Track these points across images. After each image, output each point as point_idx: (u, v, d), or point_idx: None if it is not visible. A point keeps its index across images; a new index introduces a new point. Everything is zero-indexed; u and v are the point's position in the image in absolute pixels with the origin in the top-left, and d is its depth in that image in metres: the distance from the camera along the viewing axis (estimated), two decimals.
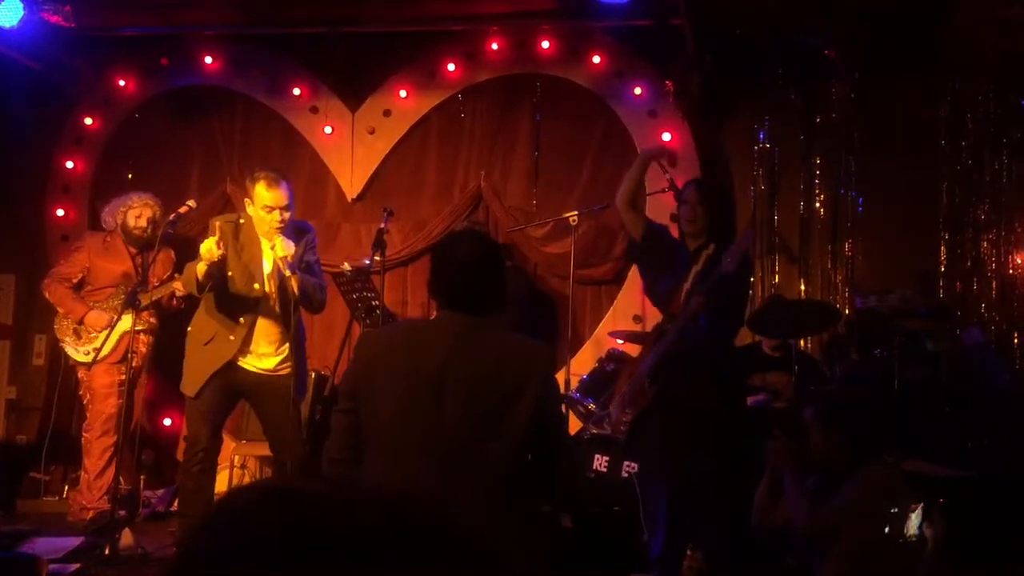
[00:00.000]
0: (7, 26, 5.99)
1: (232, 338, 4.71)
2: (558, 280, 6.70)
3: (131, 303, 5.21)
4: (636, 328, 6.39)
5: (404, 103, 6.96)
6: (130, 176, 7.14)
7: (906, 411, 4.90)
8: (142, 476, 6.33)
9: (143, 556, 4.87)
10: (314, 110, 7.05)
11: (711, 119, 6.61)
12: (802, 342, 6.08)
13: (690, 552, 4.51)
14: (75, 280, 6.10)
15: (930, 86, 6.39)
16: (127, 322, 5.59)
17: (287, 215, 4.66)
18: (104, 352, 5.79)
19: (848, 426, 3.65)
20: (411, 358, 2.84)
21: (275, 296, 4.74)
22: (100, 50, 7.04)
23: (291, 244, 4.59)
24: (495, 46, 6.81)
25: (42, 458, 6.42)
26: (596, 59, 6.70)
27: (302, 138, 7.09)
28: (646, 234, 4.76)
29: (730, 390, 4.60)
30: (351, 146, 7.01)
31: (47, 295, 6.12)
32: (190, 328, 4.84)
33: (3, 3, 5.93)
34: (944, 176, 6.38)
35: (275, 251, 4.60)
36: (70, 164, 7.24)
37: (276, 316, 4.75)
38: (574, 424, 5.80)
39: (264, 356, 4.78)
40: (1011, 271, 6.29)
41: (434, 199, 6.98)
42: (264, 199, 4.63)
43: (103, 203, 6.37)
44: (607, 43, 6.71)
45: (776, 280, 6.57)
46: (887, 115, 6.42)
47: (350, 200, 7.04)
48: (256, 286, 4.73)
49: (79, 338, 6.01)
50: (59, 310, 6.09)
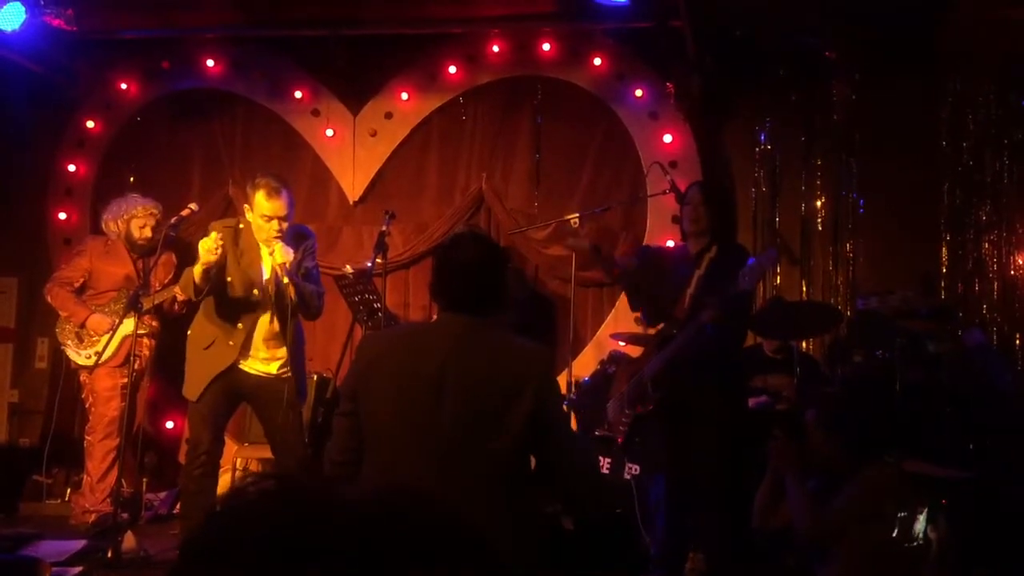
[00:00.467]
0: (9, 29, 6.00)
1: (231, 343, 4.72)
2: (559, 282, 6.71)
3: (133, 306, 5.21)
4: (638, 330, 6.38)
5: (405, 105, 6.97)
6: (132, 179, 7.15)
7: (907, 412, 4.90)
8: (144, 479, 6.34)
9: (145, 559, 4.87)
10: (315, 113, 7.05)
11: (712, 121, 6.62)
12: (803, 344, 6.09)
13: (692, 554, 4.52)
14: (77, 284, 6.11)
15: (931, 87, 6.40)
16: (129, 325, 5.59)
17: (285, 224, 4.66)
18: (106, 356, 5.81)
19: (849, 427, 3.65)
20: (411, 360, 2.85)
21: (273, 301, 4.74)
22: (101, 53, 7.06)
23: (290, 251, 4.59)
24: (496, 48, 6.82)
25: (44, 461, 6.42)
26: (597, 61, 6.71)
27: (303, 141, 7.10)
28: (639, 266, 4.78)
29: (732, 393, 4.60)
30: (352, 149, 7.02)
31: (49, 299, 6.13)
32: (190, 332, 4.85)
33: (5, 6, 5.94)
34: (945, 177, 6.38)
35: (274, 257, 4.60)
36: (72, 167, 7.25)
37: (275, 321, 4.75)
38: (575, 427, 5.81)
39: (263, 360, 4.78)
40: (1012, 272, 6.29)
41: (435, 201, 6.99)
42: (263, 208, 4.62)
43: (104, 205, 6.38)
44: (608, 45, 6.72)
45: (777, 281, 6.57)
46: (888, 116, 6.43)
47: (351, 203, 7.05)
48: (255, 292, 4.73)
49: (81, 342, 6.01)
50: (61, 314, 6.09)
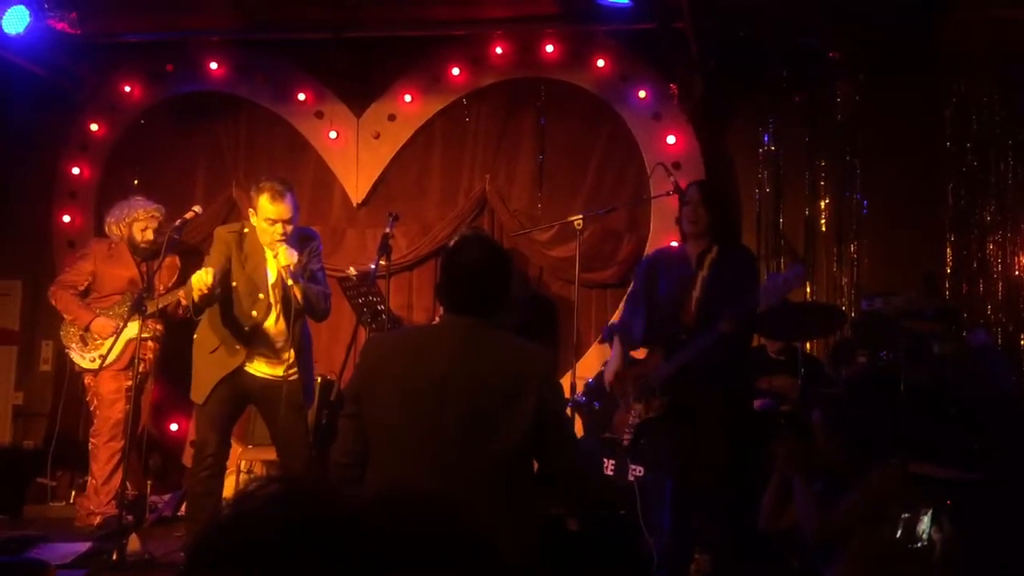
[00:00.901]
0: (13, 33, 6.02)
1: (237, 346, 4.72)
2: (563, 284, 6.71)
3: (137, 310, 5.22)
4: None
5: (409, 108, 6.97)
6: (136, 182, 7.16)
7: (912, 413, 4.89)
8: (149, 481, 6.35)
9: (150, 561, 4.88)
10: (319, 115, 7.06)
11: (715, 122, 6.62)
12: (808, 345, 6.08)
13: (697, 555, 4.52)
14: (81, 287, 6.12)
15: (934, 88, 6.39)
16: (133, 329, 5.60)
17: (289, 228, 4.64)
18: (110, 359, 5.81)
19: (854, 428, 3.65)
20: (415, 362, 2.87)
21: (279, 305, 4.75)
22: (105, 56, 7.07)
23: (294, 253, 4.59)
24: (499, 50, 6.82)
25: (48, 464, 6.43)
26: (600, 63, 6.71)
27: (307, 143, 7.11)
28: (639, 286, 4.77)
29: (738, 395, 4.59)
30: (356, 151, 7.02)
31: (53, 302, 6.14)
32: (196, 336, 4.84)
33: (9, 10, 5.95)
34: (949, 178, 6.38)
35: (278, 260, 4.60)
36: (76, 170, 7.26)
37: (280, 324, 4.75)
38: (579, 428, 5.80)
39: (270, 363, 4.78)
40: (1017, 272, 6.28)
41: (439, 203, 6.99)
42: (267, 212, 4.62)
43: (108, 208, 6.39)
44: (611, 47, 6.72)
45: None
46: (892, 117, 6.43)
47: (355, 205, 7.05)
48: (260, 296, 4.72)
49: (85, 345, 6.02)
50: (65, 317, 6.10)
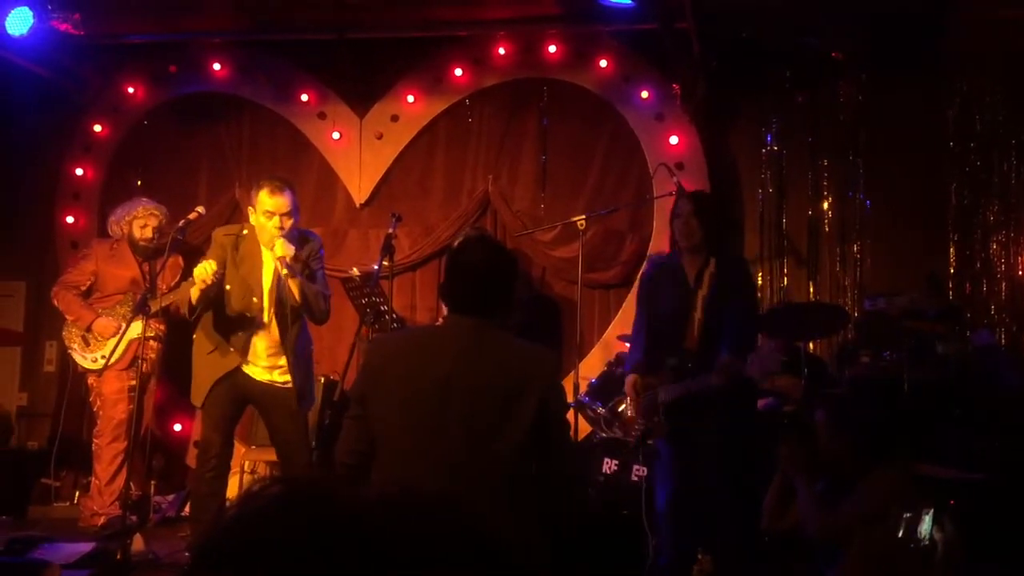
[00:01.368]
0: (17, 34, 6.02)
1: (232, 350, 4.72)
2: (566, 284, 6.71)
3: (141, 309, 5.22)
4: None
5: (412, 108, 6.98)
6: (139, 183, 7.17)
7: (915, 413, 4.89)
8: (153, 481, 6.35)
9: (154, 561, 4.89)
10: (322, 116, 7.07)
11: (718, 122, 6.62)
12: (811, 345, 6.08)
13: (700, 556, 4.51)
14: (83, 287, 6.13)
15: (937, 87, 6.39)
16: (137, 329, 5.61)
17: (288, 222, 4.64)
18: (113, 359, 5.82)
19: (857, 428, 3.65)
20: (418, 363, 2.88)
21: (273, 309, 4.72)
22: (109, 57, 7.08)
23: (291, 247, 4.58)
24: (502, 51, 6.82)
25: (52, 464, 6.44)
26: (603, 63, 6.71)
27: (310, 144, 7.11)
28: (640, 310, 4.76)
29: (741, 398, 4.57)
30: (359, 151, 7.02)
31: (55, 302, 6.15)
32: (195, 337, 4.85)
33: (13, 12, 5.96)
34: (952, 178, 6.38)
35: (274, 251, 4.59)
36: (79, 171, 7.27)
37: (276, 329, 4.73)
38: (584, 428, 5.81)
39: (265, 368, 4.76)
40: (1020, 272, 6.28)
41: (442, 204, 6.99)
42: (265, 205, 4.63)
43: (111, 209, 6.40)
44: (614, 47, 6.72)
45: (784, 283, 6.57)
46: (894, 117, 6.43)
47: (358, 205, 7.06)
48: (254, 299, 4.70)
49: (87, 345, 6.03)
50: (67, 317, 6.11)
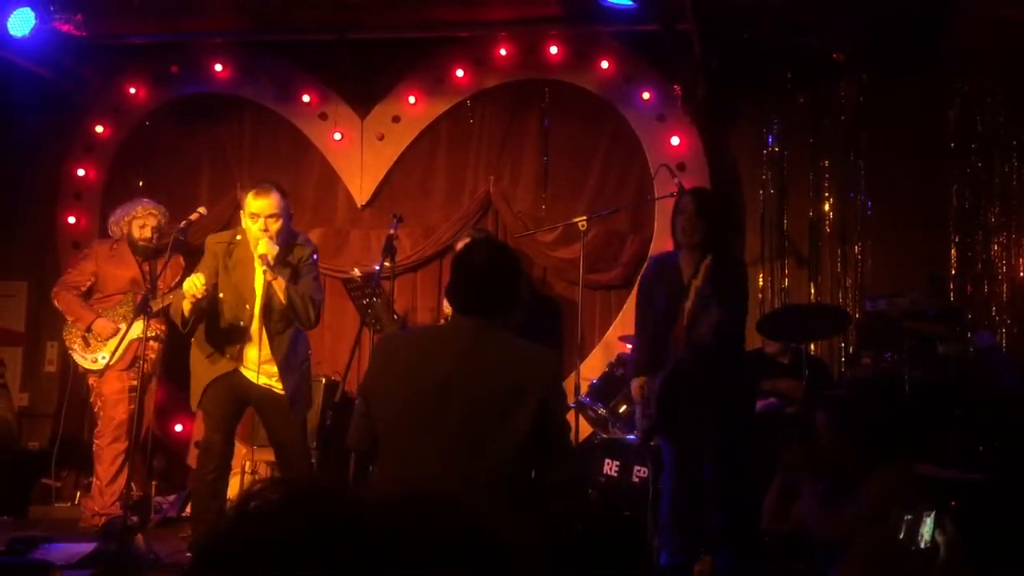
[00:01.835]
0: (19, 35, 6.03)
1: (228, 355, 4.72)
2: (567, 285, 6.71)
3: (142, 310, 5.23)
4: None
5: (413, 109, 6.98)
6: (141, 183, 7.17)
7: (916, 414, 4.89)
8: (153, 482, 6.35)
9: (155, 561, 4.89)
10: (323, 116, 7.07)
11: (719, 123, 6.62)
12: (812, 346, 6.08)
13: (701, 557, 4.52)
14: (84, 288, 6.13)
15: (938, 88, 6.39)
16: (138, 329, 5.62)
17: (275, 224, 4.60)
18: (114, 359, 5.82)
19: (858, 429, 3.65)
20: (420, 363, 2.91)
21: (264, 315, 4.71)
22: (110, 58, 7.08)
23: (275, 246, 4.57)
24: (503, 52, 6.82)
25: (53, 464, 6.44)
26: (604, 64, 6.71)
27: (311, 144, 7.11)
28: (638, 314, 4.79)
29: (740, 397, 4.58)
30: (360, 152, 7.03)
31: (56, 303, 6.15)
32: (193, 341, 4.84)
33: (15, 12, 5.97)
34: (953, 179, 6.38)
35: (256, 249, 4.58)
36: (81, 172, 7.27)
37: (270, 334, 4.72)
38: (584, 429, 5.81)
39: (259, 372, 4.74)
40: (1021, 274, 6.28)
41: (443, 205, 7.00)
42: (251, 207, 4.63)
43: (112, 210, 6.40)
44: (615, 48, 6.72)
45: (785, 284, 6.57)
46: (896, 117, 6.42)
47: (359, 206, 7.06)
48: (247, 306, 4.69)
49: (87, 345, 6.04)
50: (67, 318, 6.12)
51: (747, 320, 4.67)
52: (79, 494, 6.53)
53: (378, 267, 5.49)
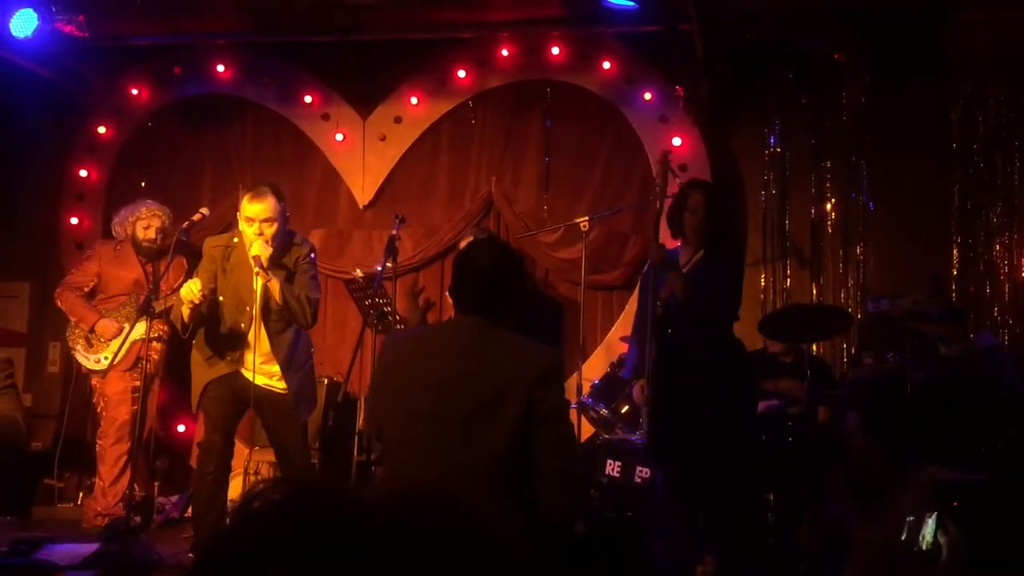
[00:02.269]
0: (22, 36, 6.04)
1: (229, 359, 4.73)
2: (569, 286, 6.71)
3: (145, 311, 5.23)
4: None
5: (415, 110, 6.98)
6: (143, 184, 7.17)
7: (918, 415, 4.88)
8: (156, 483, 6.36)
9: (157, 562, 4.89)
10: (325, 117, 7.07)
11: (721, 124, 6.62)
12: (814, 347, 6.07)
13: (704, 559, 4.51)
14: (87, 288, 6.14)
15: (941, 89, 6.39)
16: (140, 330, 5.62)
17: (269, 228, 4.61)
18: (117, 360, 5.83)
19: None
20: (421, 363, 2.95)
21: (263, 316, 4.70)
22: (113, 59, 7.09)
23: (268, 247, 4.57)
24: (505, 53, 6.82)
25: (56, 465, 6.45)
26: (606, 65, 6.71)
27: (313, 145, 7.12)
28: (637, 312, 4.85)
29: (741, 397, 4.58)
30: (362, 153, 7.03)
31: (59, 303, 6.16)
32: (194, 343, 4.83)
33: (17, 13, 5.98)
34: (956, 179, 6.37)
35: (250, 250, 4.59)
36: (84, 172, 7.28)
37: (270, 335, 4.72)
38: (587, 429, 5.81)
39: (260, 373, 4.74)
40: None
41: (445, 205, 7.00)
42: (246, 211, 4.64)
43: (115, 211, 6.41)
44: (617, 49, 6.72)
45: (788, 284, 6.57)
46: (898, 118, 6.42)
47: (361, 207, 7.06)
48: (247, 308, 4.70)
49: (90, 346, 6.05)
50: (71, 318, 6.12)
51: (736, 313, 4.66)
52: (82, 495, 6.54)
53: (380, 268, 5.49)
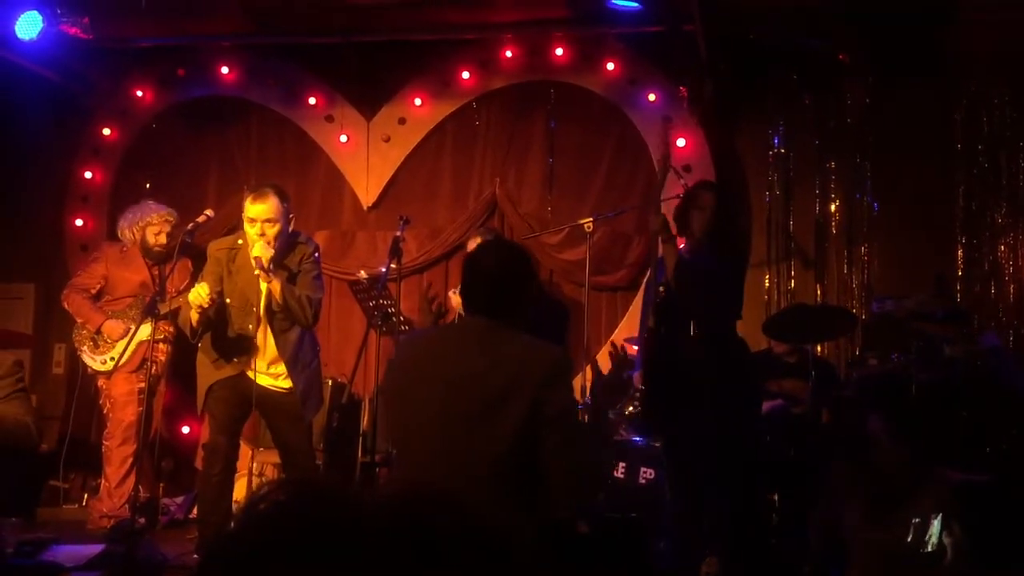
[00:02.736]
0: (26, 38, 6.05)
1: (236, 360, 4.73)
2: (573, 287, 6.71)
3: (150, 313, 5.24)
4: None
5: (419, 111, 6.99)
6: (148, 186, 7.19)
7: (923, 415, 4.88)
8: (161, 484, 6.37)
9: (162, 563, 4.90)
10: (329, 119, 7.08)
11: (725, 124, 6.61)
12: (818, 347, 6.07)
13: (708, 558, 4.51)
14: (93, 290, 6.16)
15: (945, 89, 6.38)
16: (146, 331, 5.63)
17: (272, 229, 4.61)
18: (123, 361, 5.84)
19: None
20: (429, 364, 2.96)
21: (268, 316, 4.72)
22: (117, 61, 7.11)
23: (270, 249, 4.57)
24: (509, 54, 6.83)
25: (61, 466, 6.46)
26: (610, 66, 6.71)
27: (317, 147, 7.13)
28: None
29: (736, 394, 4.58)
30: (366, 154, 7.04)
31: (65, 305, 6.17)
32: (200, 346, 4.84)
33: (23, 16, 5.99)
34: (960, 180, 6.36)
35: (252, 251, 4.60)
36: (88, 174, 7.29)
37: (275, 334, 4.73)
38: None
39: (267, 373, 4.76)
40: None
41: (449, 206, 7.00)
42: (248, 212, 4.65)
43: (120, 212, 6.42)
44: (621, 50, 6.72)
45: (792, 285, 6.56)
46: (902, 118, 6.41)
47: (366, 208, 7.07)
48: (253, 309, 4.70)
49: (97, 347, 6.06)
50: (77, 320, 6.14)
51: (738, 312, 4.69)
52: (87, 496, 6.55)
53: (384, 269, 5.49)
